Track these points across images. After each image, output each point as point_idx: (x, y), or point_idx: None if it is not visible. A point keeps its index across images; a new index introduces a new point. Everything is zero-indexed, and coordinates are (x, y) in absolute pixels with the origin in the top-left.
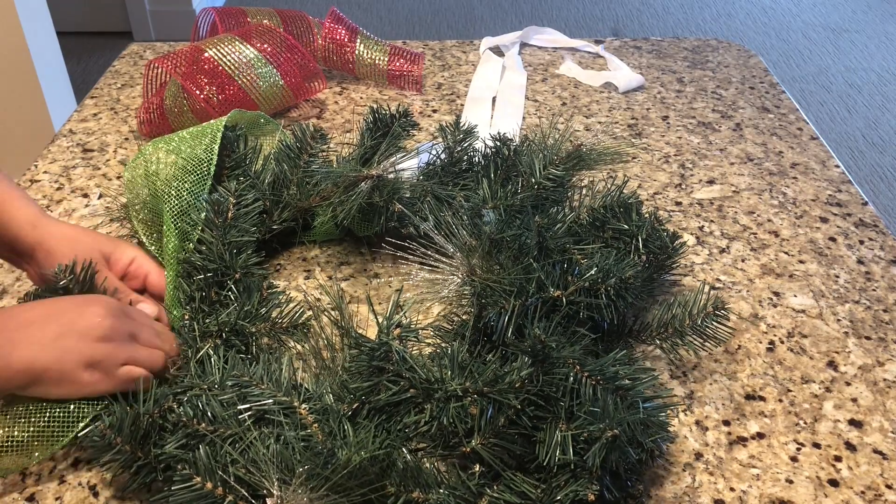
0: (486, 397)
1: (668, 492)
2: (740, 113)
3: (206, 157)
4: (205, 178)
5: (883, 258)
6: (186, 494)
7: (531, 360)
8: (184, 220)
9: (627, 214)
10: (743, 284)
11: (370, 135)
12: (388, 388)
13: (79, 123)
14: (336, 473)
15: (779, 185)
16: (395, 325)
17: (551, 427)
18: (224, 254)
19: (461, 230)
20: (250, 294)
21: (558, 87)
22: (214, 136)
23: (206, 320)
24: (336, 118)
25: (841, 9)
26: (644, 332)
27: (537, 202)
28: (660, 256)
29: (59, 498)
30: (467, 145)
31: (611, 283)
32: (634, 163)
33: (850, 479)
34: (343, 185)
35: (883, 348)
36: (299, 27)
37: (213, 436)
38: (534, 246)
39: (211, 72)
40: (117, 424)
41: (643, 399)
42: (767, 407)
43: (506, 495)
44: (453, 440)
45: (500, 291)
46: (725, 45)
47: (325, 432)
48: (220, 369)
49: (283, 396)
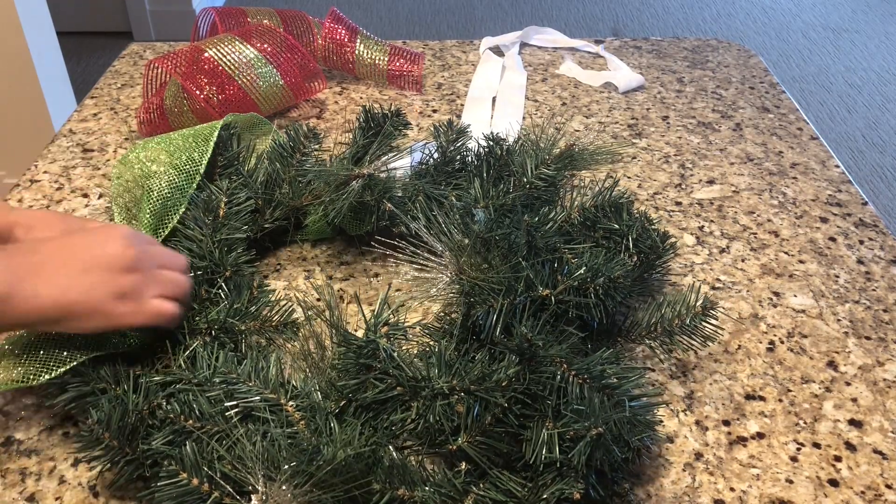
0: (473, 395)
1: (668, 492)
2: (740, 113)
3: (197, 158)
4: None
5: (883, 258)
6: (172, 490)
7: (518, 358)
8: (163, 214)
9: (618, 214)
10: (743, 284)
11: (362, 134)
12: (374, 386)
13: (79, 123)
14: (321, 470)
15: (779, 185)
16: (383, 323)
17: (538, 425)
18: (214, 251)
19: (451, 229)
20: (240, 292)
21: (558, 87)
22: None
23: (196, 317)
24: (336, 118)
25: (841, 9)
26: (633, 332)
27: (528, 202)
28: (650, 256)
29: (59, 498)
30: (460, 145)
31: (599, 282)
32: (634, 163)
33: (850, 479)
34: (334, 184)
35: (883, 348)
36: (299, 27)
37: (199, 432)
38: (523, 245)
39: (211, 72)
40: (105, 420)
41: (630, 398)
42: (767, 407)
43: (492, 493)
44: (440, 438)
45: (488, 290)
46: (725, 45)
47: (311, 429)
48: (210, 366)
49: (270, 393)
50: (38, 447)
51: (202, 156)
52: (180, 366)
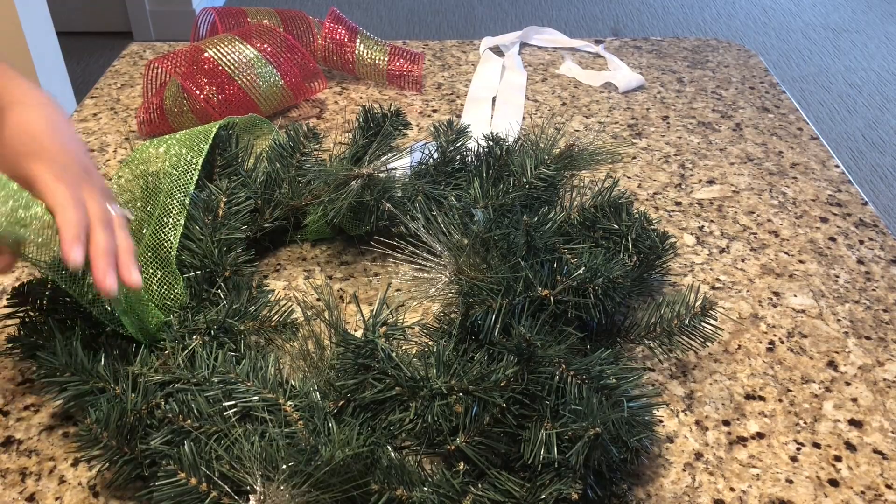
0: (472, 395)
1: (668, 492)
2: (740, 113)
3: (194, 160)
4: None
5: (883, 258)
6: (171, 490)
7: (517, 358)
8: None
9: (617, 214)
10: (743, 284)
11: (362, 134)
12: (373, 386)
13: (79, 123)
14: (319, 470)
15: (779, 185)
16: (382, 323)
17: (536, 426)
18: (214, 251)
19: (450, 229)
20: (240, 292)
21: (558, 87)
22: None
23: (195, 317)
24: (336, 118)
25: (841, 9)
26: (633, 332)
27: (528, 202)
28: (649, 256)
29: (59, 498)
30: (460, 145)
31: (598, 282)
32: (634, 163)
33: (850, 479)
34: (334, 183)
35: (883, 348)
36: (299, 27)
37: (198, 432)
38: (522, 245)
39: (211, 72)
40: (104, 419)
41: (628, 398)
42: (767, 407)
43: (490, 493)
44: (438, 438)
45: (487, 290)
46: (725, 45)
47: (309, 429)
48: (208, 366)
49: (268, 393)
50: (38, 447)
51: (199, 154)
52: (179, 365)
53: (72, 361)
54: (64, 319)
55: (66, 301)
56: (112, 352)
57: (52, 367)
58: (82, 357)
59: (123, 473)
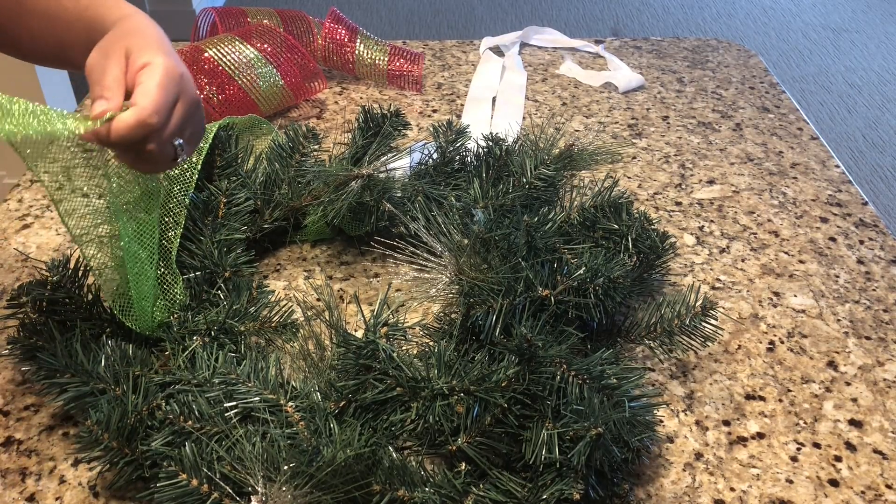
0: (473, 396)
1: (668, 492)
2: (740, 113)
3: (194, 160)
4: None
5: (883, 258)
6: (172, 491)
7: (518, 358)
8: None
9: (617, 214)
10: (743, 284)
11: (362, 134)
12: (374, 387)
13: None
14: (321, 471)
15: (779, 185)
16: (383, 323)
17: (537, 426)
18: (214, 252)
19: (451, 229)
20: (240, 293)
21: (558, 87)
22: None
23: (195, 318)
24: (336, 118)
25: (841, 9)
26: (633, 332)
27: (528, 202)
28: (650, 256)
29: (59, 498)
30: (460, 145)
31: (599, 282)
32: (634, 163)
33: (850, 479)
34: (333, 184)
35: (883, 348)
36: (299, 27)
37: (199, 433)
38: (522, 245)
39: (211, 72)
40: (105, 420)
41: (630, 398)
42: (767, 407)
43: (491, 494)
44: (439, 438)
45: (487, 290)
46: (725, 45)
47: (310, 430)
48: (209, 367)
49: (269, 394)
50: (38, 447)
51: (199, 154)
52: (179, 366)
53: (72, 363)
54: (64, 321)
55: (66, 302)
56: (112, 353)
57: (51, 369)
58: (82, 358)
59: (124, 475)
